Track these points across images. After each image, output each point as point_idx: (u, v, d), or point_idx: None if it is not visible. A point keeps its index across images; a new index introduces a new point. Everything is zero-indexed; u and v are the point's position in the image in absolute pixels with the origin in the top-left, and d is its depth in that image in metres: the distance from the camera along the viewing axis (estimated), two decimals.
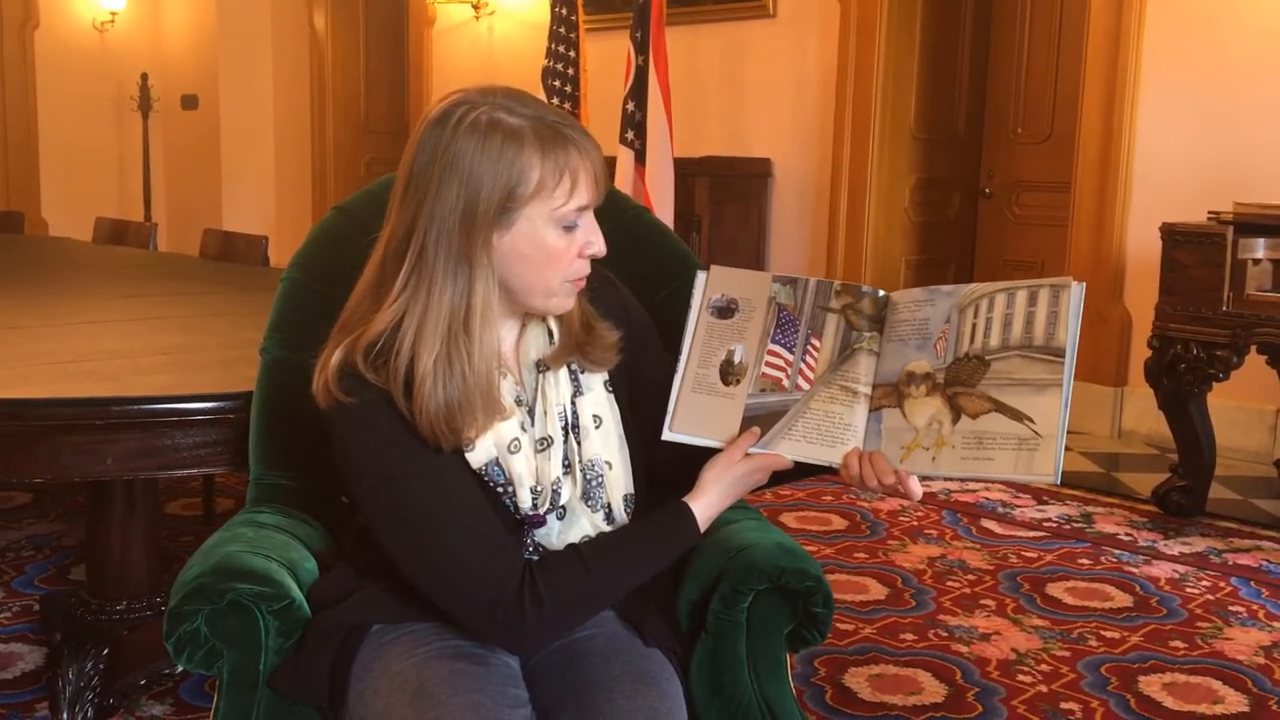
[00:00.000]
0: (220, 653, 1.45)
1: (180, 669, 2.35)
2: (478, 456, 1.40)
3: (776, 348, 1.46)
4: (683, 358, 1.48)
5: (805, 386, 1.44)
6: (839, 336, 1.45)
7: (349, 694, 1.40)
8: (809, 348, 1.45)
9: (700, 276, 1.51)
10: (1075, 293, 1.35)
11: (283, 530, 1.60)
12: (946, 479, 1.67)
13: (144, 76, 8.33)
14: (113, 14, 8.33)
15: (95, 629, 2.30)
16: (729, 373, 1.46)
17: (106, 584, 2.34)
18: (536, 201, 1.35)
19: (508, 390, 1.43)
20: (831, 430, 1.42)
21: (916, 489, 1.39)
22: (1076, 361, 1.34)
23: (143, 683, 2.36)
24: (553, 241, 1.37)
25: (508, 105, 1.36)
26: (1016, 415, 1.33)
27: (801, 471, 1.46)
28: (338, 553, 1.60)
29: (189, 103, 8.45)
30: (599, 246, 1.41)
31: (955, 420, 1.36)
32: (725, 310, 1.48)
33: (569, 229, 1.38)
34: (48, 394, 1.89)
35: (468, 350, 1.35)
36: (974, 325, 1.39)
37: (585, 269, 1.42)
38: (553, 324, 1.48)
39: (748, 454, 1.43)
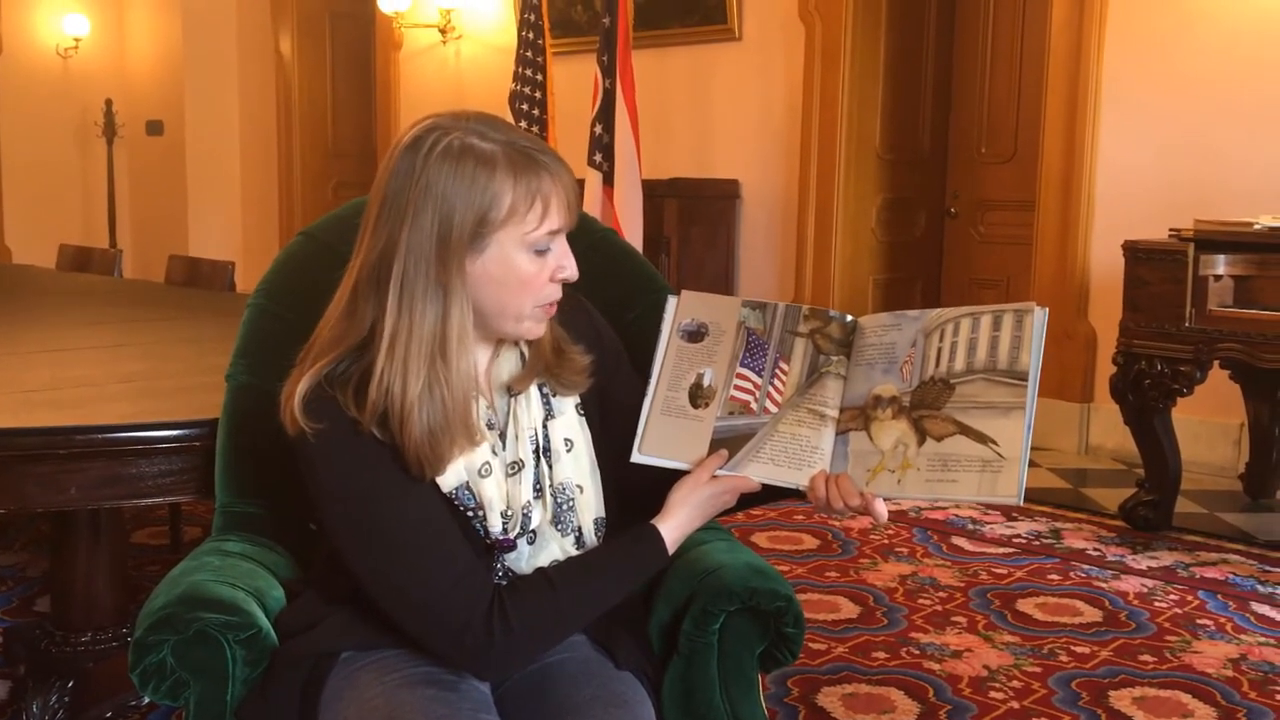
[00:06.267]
0: (187, 684, 1.44)
1: (147, 700, 2.33)
2: (448, 480, 1.39)
3: (745, 371, 1.47)
4: (652, 381, 1.49)
5: (773, 409, 1.45)
6: (807, 360, 1.46)
7: None
8: (777, 371, 1.46)
9: (671, 301, 1.52)
10: (1038, 317, 1.37)
11: (250, 558, 1.59)
12: (913, 500, 1.68)
13: (108, 102, 8.28)
14: (76, 40, 8.28)
15: (60, 661, 2.27)
16: (698, 396, 1.47)
17: (71, 615, 2.31)
18: (509, 226, 1.35)
19: (479, 414, 1.43)
20: (798, 453, 1.43)
21: (882, 511, 1.39)
22: (1043, 378, 1.36)
23: (109, 715, 2.33)
24: (524, 266, 1.38)
25: (480, 130, 1.36)
26: (981, 438, 1.34)
27: (769, 494, 1.46)
28: (305, 580, 1.59)
29: (154, 128, 8.40)
30: (571, 271, 1.42)
31: (921, 443, 1.37)
32: (695, 334, 1.50)
33: (541, 253, 1.39)
34: (11, 423, 1.86)
35: (445, 376, 1.35)
36: (939, 349, 1.40)
37: (557, 293, 1.42)
38: (525, 348, 1.48)
39: (715, 476, 1.44)
